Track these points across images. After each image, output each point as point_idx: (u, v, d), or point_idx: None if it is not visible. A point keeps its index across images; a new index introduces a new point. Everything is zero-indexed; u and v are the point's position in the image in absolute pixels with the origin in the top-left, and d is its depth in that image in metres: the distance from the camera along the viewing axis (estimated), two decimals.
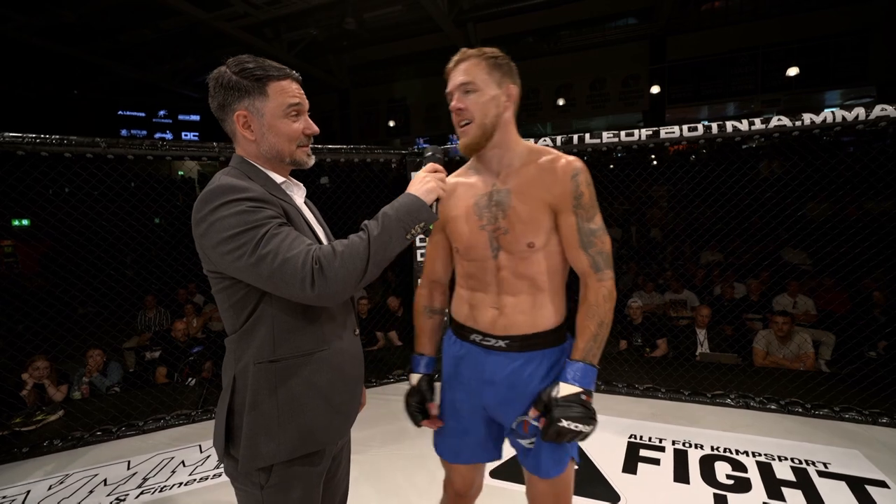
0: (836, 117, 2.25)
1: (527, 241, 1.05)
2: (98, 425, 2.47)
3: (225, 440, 0.92)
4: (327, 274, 0.82)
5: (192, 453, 2.31)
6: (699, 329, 3.82)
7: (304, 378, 0.92)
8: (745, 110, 9.07)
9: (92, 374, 3.34)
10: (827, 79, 7.81)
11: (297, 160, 0.98)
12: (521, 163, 1.09)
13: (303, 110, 0.97)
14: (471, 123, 1.05)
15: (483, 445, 1.19)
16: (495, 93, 1.04)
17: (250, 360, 0.90)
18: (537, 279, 1.07)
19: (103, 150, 2.32)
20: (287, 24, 8.08)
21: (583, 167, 1.05)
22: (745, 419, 2.49)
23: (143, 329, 4.84)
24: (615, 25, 8.60)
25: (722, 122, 2.43)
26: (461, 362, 1.17)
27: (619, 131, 2.62)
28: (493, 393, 1.11)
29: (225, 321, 0.95)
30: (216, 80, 0.92)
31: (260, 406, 0.89)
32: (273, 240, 0.82)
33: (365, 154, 2.98)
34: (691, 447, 2.23)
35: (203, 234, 0.85)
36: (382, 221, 0.88)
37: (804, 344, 3.38)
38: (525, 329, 1.08)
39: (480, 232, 1.10)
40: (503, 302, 1.09)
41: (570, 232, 1.05)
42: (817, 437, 2.29)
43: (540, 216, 1.05)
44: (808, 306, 4.41)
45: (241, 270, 0.83)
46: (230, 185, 0.86)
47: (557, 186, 1.04)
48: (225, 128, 0.97)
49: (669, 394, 2.79)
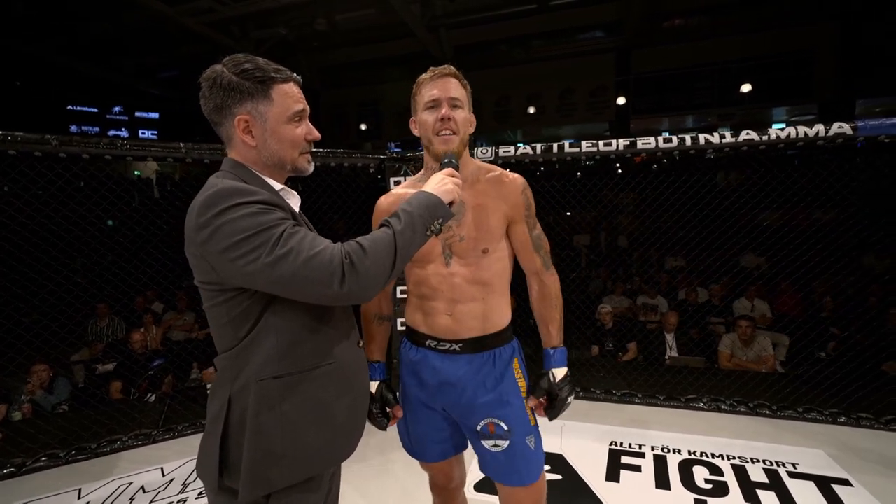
0: (800, 133, 2.36)
1: (482, 247, 1.14)
2: (43, 449, 2.23)
3: (219, 471, 0.83)
4: (359, 269, 0.78)
5: (152, 477, 2.12)
6: (668, 334, 3.94)
7: (310, 394, 0.87)
8: (702, 123, 9.53)
9: (35, 392, 3.04)
10: (775, 95, 8.32)
11: (299, 167, 0.93)
12: (473, 178, 1.18)
13: (305, 115, 0.92)
14: (455, 135, 1.10)
15: (451, 440, 1.26)
16: (470, 116, 1.15)
17: (251, 378, 0.83)
18: (490, 282, 1.15)
19: (54, 149, 2.12)
20: (255, 23, 7.78)
21: (526, 182, 1.20)
22: (719, 422, 2.56)
23: (95, 340, 4.48)
24: (584, 38, 8.83)
25: (695, 135, 2.51)
26: (418, 366, 1.21)
27: (598, 141, 2.65)
28: (450, 394, 1.16)
29: (219, 338, 0.87)
30: (212, 80, 0.84)
31: (263, 428, 0.82)
32: (292, 238, 0.77)
33: (342, 158, 2.87)
34: (670, 452, 2.26)
35: (206, 240, 0.77)
36: (404, 217, 0.86)
37: (765, 347, 3.54)
38: (477, 332, 1.15)
39: (433, 240, 1.12)
40: (456, 309, 1.15)
41: (523, 238, 1.19)
42: (785, 437, 2.38)
43: (496, 224, 1.15)
44: (765, 309, 4.64)
45: (254, 275, 0.76)
46: (236, 188, 0.80)
47: (511, 198, 1.16)
48: (220, 131, 0.89)
49: (646, 399, 2.83)
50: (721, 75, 8.35)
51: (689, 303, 4.74)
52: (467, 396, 1.15)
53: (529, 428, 1.17)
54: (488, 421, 1.15)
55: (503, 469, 1.16)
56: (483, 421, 1.15)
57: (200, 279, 0.85)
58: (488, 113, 9.67)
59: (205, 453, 0.86)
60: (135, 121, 10.17)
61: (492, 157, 2.71)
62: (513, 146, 2.75)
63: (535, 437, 1.19)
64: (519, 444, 1.15)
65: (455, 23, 7.95)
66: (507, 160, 2.73)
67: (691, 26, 8.16)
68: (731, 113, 8.88)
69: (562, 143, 2.69)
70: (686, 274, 5.33)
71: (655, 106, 9.04)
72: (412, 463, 1.35)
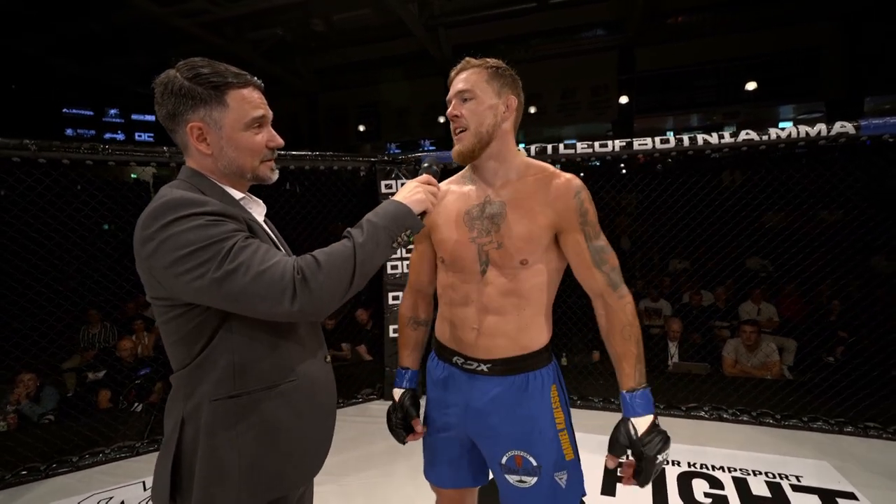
0: (801, 133, 2.32)
1: (521, 258, 1.02)
2: (23, 463, 2.21)
3: (170, 493, 0.80)
4: (311, 286, 0.74)
5: (134, 492, 2.09)
6: (671, 342, 3.88)
7: (268, 414, 0.83)
8: (707, 122, 9.45)
9: (20, 402, 3.02)
10: (781, 94, 8.24)
11: (260, 176, 0.89)
12: (517, 176, 1.06)
13: (266, 122, 0.88)
14: (466, 131, 1.02)
15: (469, 468, 1.16)
16: (493, 102, 1.02)
17: (204, 398, 0.80)
18: (527, 297, 1.03)
19: (33, 154, 2.10)
20: (251, 23, 7.78)
21: (583, 185, 1.03)
22: (720, 432, 2.51)
23: (87, 347, 4.47)
24: (585, 36, 8.79)
25: (693, 136, 2.47)
26: (444, 385, 1.13)
27: (594, 142, 2.61)
28: (477, 420, 1.07)
29: (172, 356, 0.84)
30: (164, 85, 0.81)
31: (217, 450, 0.79)
32: (242, 252, 0.73)
33: (332, 161, 2.85)
34: (669, 464, 2.21)
35: (151, 255, 0.74)
36: (367, 229, 0.82)
37: (770, 353, 3.48)
38: (508, 351, 1.04)
39: (469, 244, 1.05)
40: (485, 321, 1.04)
41: (579, 250, 1.02)
42: (788, 448, 2.32)
43: (538, 233, 1.01)
44: (771, 313, 4.58)
45: (201, 291, 0.73)
46: (184, 199, 0.76)
47: (560, 203, 1.01)
48: (175, 139, 0.86)
49: None
50: (726, 73, 8.28)
51: (692, 306, 4.68)
52: (493, 424, 1.05)
53: (563, 463, 1.04)
54: (515, 453, 1.04)
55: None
56: (510, 453, 1.04)
57: (151, 294, 0.82)
58: None
59: (157, 475, 0.83)
60: (131, 123, 10.22)
61: None
62: None
63: (568, 473, 1.04)
64: (547, 482, 1.03)
65: (453, 22, 7.92)
66: None
67: (695, 23, 8.10)
68: (736, 111, 8.82)
69: (556, 145, 2.65)
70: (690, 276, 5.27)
71: (659, 105, 8.98)
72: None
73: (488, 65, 1.03)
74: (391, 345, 3.04)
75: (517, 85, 1.07)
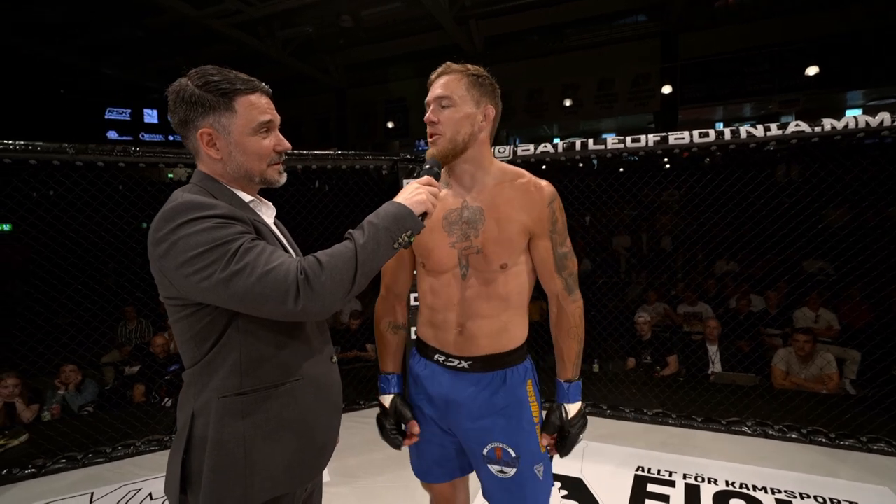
0: (860, 123, 2.16)
1: (500, 262, 1.08)
2: (62, 452, 2.40)
3: (180, 485, 0.86)
4: (314, 286, 0.78)
5: (160, 484, 2.21)
6: (710, 345, 3.72)
7: (274, 412, 0.87)
8: (761, 111, 8.97)
9: (68, 389, 3.27)
10: (848, 78, 7.70)
11: (268, 179, 0.94)
12: (494, 182, 1.11)
13: (274, 126, 0.93)
14: (441, 137, 1.06)
15: (456, 461, 1.22)
16: (471, 111, 1.06)
17: (213, 395, 0.85)
18: (507, 299, 1.11)
19: (71, 157, 2.26)
20: (281, 22, 8.07)
21: (556, 193, 1.11)
22: (764, 449, 2.39)
23: (124, 342, 4.78)
24: (624, 23, 8.54)
25: (736, 128, 2.35)
26: (425, 381, 1.18)
27: (625, 137, 2.54)
28: (458, 414, 1.13)
29: (184, 353, 0.90)
30: (176, 93, 0.87)
31: (224, 445, 0.84)
32: (248, 254, 0.78)
33: (353, 160, 2.91)
34: (704, 482, 2.13)
35: (163, 255, 0.80)
36: (368, 230, 0.85)
37: (827, 364, 3.27)
38: (489, 349, 1.11)
39: (450, 249, 1.11)
40: (467, 324, 1.11)
41: (545, 256, 1.11)
42: (843, 471, 2.18)
43: (515, 237, 1.08)
44: (831, 320, 4.29)
45: (209, 291, 0.78)
46: (193, 202, 0.81)
47: (535, 210, 1.08)
48: (187, 145, 0.92)
49: (681, 420, 2.68)
50: (782, 58, 7.82)
51: (740, 311, 4.46)
52: (474, 417, 1.12)
53: (539, 456, 1.14)
54: (495, 445, 1.12)
55: (508, 498, 1.14)
56: (490, 445, 1.12)
57: (163, 294, 0.88)
58: (521, 107, 9.55)
59: (170, 469, 0.89)
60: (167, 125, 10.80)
61: (510, 157, 2.66)
62: (532, 145, 2.68)
63: (544, 466, 1.15)
64: (527, 473, 1.12)
65: (485, 13, 7.90)
66: (527, 159, 2.66)
67: (746, 5, 7.71)
68: (794, 99, 8.31)
69: (585, 141, 2.60)
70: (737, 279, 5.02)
71: (707, 94, 8.60)
72: None
73: (469, 72, 1.06)
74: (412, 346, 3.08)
75: (496, 94, 1.10)
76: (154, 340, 3.79)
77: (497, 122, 1.12)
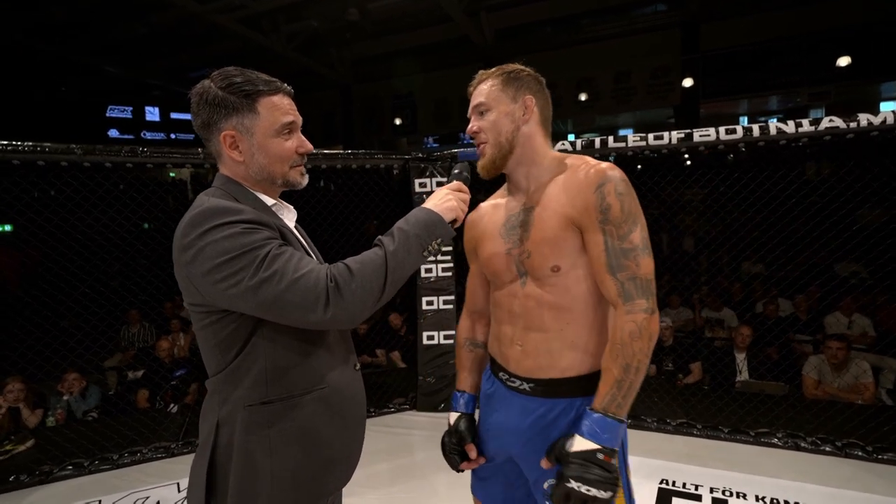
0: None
1: (550, 265, 0.99)
2: (69, 458, 2.45)
3: (206, 496, 0.87)
4: (344, 294, 0.79)
5: (169, 492, 2.26)
6: (738, 353, 3.68)
7: (300, 421, 0.89)
8: (788, 104, 8.84)
9: (73, 393, 3.33)
10: (883, 69, 7.56)
11: (291, 181, 0.96)
12: (548, 175, 1.05)
13: (296, 127, 0.95)
14: (486, 144, 1.05)
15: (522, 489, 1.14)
16: (509, 108, 1.03)
17: (238, 403, 0.87)
18: (569, 309, 1.00)
19: (79, 158, 2.32)
20: (286, 16, 8.13)
21: (613, 175, 0.95)
22: (795, 463, 2.36)
23: (127, 346, 4.86)
24: (642, 13, 8.48)
25: (765, 124, 2.33)
26: (491, 401, 1.15)
27: (647, 134, 2.53)
28: (517, 441, 1.07)
29: (208, 360, 0.92)
30: (200, 95, 0.89)
31: (251, 455, 0.86)
32: (277, 260, 0.79)
33: (364, 160, 2.94)
34: (732, 496, 2.11)
35: (190, 262, 0.81)
36: (398, 236, 0.86)
37: (863, 373, 3.22)
38: (551, 373, 1.02)
39: (507, 256, 1.07)
40: (527, 338, 1.04)
41: (597, 252, 0.96)
42: (880, 486, 2.15)
43: (562, 234, 0.98)
44: (866, 326, 4.22)
45: (237, 298, 0.79)
46: (221, 207, 0.83)
47: (579, 198, 0.96)
48: (209, 147, 0.94)
49: (706, 430, 2.66)
50: (811, 48, 7.71)
51: (768, 317, 4.40)
52: (535, 447, 1.03)
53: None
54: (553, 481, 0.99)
55: None
56: (552, 480, 0.98)
57: (188, 301, 0.90)
58: None
59: (193, 477, 0.91)
60: (170, 122, 10.95)
61: None
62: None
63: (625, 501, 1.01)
64: None
65: (496, 4, 7.89)
66: None
67: None
68: (825, 91, 8.19)
69: (605, 139, 2.59)
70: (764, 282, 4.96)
71: (730, 87, 8.50)
72: None
73: (502, 72, 1.05)
74: (425, 352, 3.09)
75: (538, 84, 1.07)
76: (159, 344, 3.85)
77: (548, 112, 1.09)
